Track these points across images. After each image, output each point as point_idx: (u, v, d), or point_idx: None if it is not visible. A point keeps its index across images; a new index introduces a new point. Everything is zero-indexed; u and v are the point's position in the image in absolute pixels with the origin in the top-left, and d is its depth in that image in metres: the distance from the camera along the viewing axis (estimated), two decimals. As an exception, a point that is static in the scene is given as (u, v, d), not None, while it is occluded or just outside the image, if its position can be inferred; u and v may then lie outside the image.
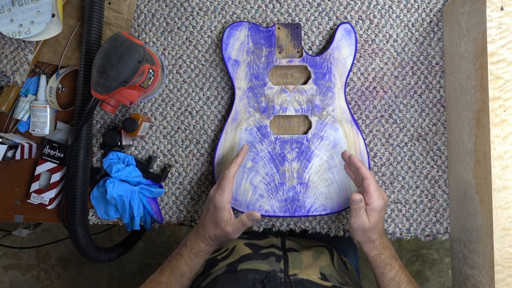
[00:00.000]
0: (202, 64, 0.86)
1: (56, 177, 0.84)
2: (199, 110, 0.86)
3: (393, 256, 0.75)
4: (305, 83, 0.82)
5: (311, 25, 0.85)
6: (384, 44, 0.85)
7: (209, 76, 0.86)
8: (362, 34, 0.85)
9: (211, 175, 0.85)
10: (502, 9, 0.68)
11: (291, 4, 0.85)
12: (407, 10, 0.85)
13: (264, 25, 0.85)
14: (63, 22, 0.80)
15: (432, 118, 0.85)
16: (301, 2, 0.85)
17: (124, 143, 0.82)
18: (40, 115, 0.83)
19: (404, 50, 0.86)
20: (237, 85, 0.82)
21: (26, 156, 0.84)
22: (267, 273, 0.68)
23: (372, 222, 0.72)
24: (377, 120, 0.85)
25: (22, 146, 0.82)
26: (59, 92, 0.86)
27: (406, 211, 0.85)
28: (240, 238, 0.83)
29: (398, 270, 0.73)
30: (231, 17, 0.85)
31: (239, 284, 0.66)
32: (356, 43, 0.82)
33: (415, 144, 0.85)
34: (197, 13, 0.86)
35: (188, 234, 0.76)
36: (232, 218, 0.73)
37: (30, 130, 0.84)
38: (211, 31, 0.85)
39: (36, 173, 0.84)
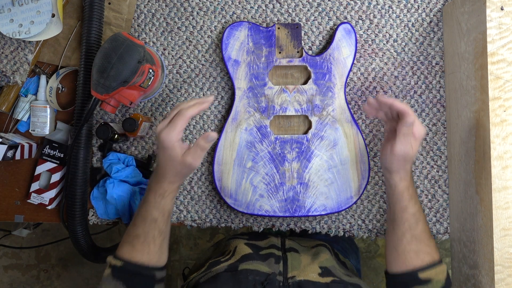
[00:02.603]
0: (202, 64, 0.86)
1: (56, 177, 0.84)
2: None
3: (416, 192, 0.73)
4: (305, 83, 0.82)
5: (311, 25, 0.85)
6: (384, 44, 0.85)
7: (209, 76, 0.86)
8: (362, 34, 0.85)
9: (211, 175, 0.85)
10: (502, 9, 0.68)
11: (291, 4, 0.85)
12: (407, 10, 0.85)
13: (264, 25, 0.85)
14: (63, 22, 0.80)
15: (432, 118, 0.85)
16: (301, 2, 0.85)
17: (119, 131, 0.81)
18: (40, 115, 0.83)
19: (404, 50, 0.86)
20: (237, 85, 0.82)
21: (26, 156, 0.84)
22: (267, 275, 0.68)
23: (414, 150, 0.70)
24: (377, 120, 0.85)
25: (22, 146, 0.82)
26: (59, 92, 0.86)
27: (406, 211, 0.85)
28: (241, 239, 0.83)
29: (419, 208, 0.72)
30: (231, 17, 0.85)
31: (240, 285, 0.66)
32: (356, 43, 0.82)
33: (415, 144, 0.85)
34: (197, 13, 0.86)
35: (150, 178, 0.73)
36: (186, 148, 0.68)
37: (30, 130, 0.84)
38: (211, 31, 0.85)
39: (36, 173, 0.84)
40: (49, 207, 0.84)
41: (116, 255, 0.70)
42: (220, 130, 0.85)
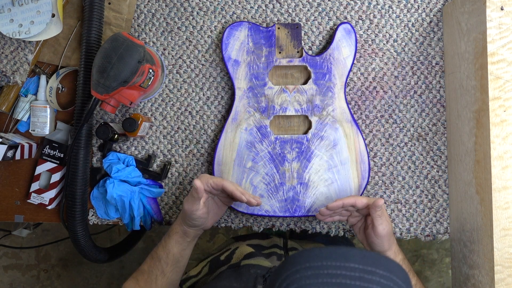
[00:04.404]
0: (202, 64, 0.86)
1: (56, 177, 0.84)
2: (199, 110, 0.86)
3: (405, 258, 0.76)
4: (305, 83, 0.82)
5: (311, 25, 0.85)
6: (384, 44, 0.85)
7: (209, 76, 0.86)
8: (362, 34, 0.85)
9: (211, 175, 0.85)
10: (502, 9, 0.68)
11: (291, 4, 0.85)
12: (407, 10, 0.85)
13: (264, 25, 0.85)
14: (63, 22, 0.80)
15: (432, 118, 0.85)
16: (301, 2, 0.85)
17: (119, 131, 0.82)
18: (40, 115, 0.83)
19: (404, 50, 0.86)
20: (237, 85, 0.82)
21: (26, 156, 0.84)
22: (269, 268, 0.69)
23: (390, 222, 0.74)
24: (377, 120, 0.85)
25: (22, 146, 0.82)
26: (59, 92, 0.86)
27: (406, 211, 0.85)
28: (242, 241, 0.83)
29: (418, 279, 0.74)
30: (231, 17, 0.85)
31: (242, 278, 0.66)
32: (356, 43, 0.82)
33: (415, 144, 0.85)
34: (197, 13, 0.86)
35: None
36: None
37: (30, 130, 0.84)
38: (211, 31, 0.85)
39: (36, 173, 0.84)
40: (49, 207, 0.84)
41: (123, 286, 0.73)
42: (220, 130, 0.85)
